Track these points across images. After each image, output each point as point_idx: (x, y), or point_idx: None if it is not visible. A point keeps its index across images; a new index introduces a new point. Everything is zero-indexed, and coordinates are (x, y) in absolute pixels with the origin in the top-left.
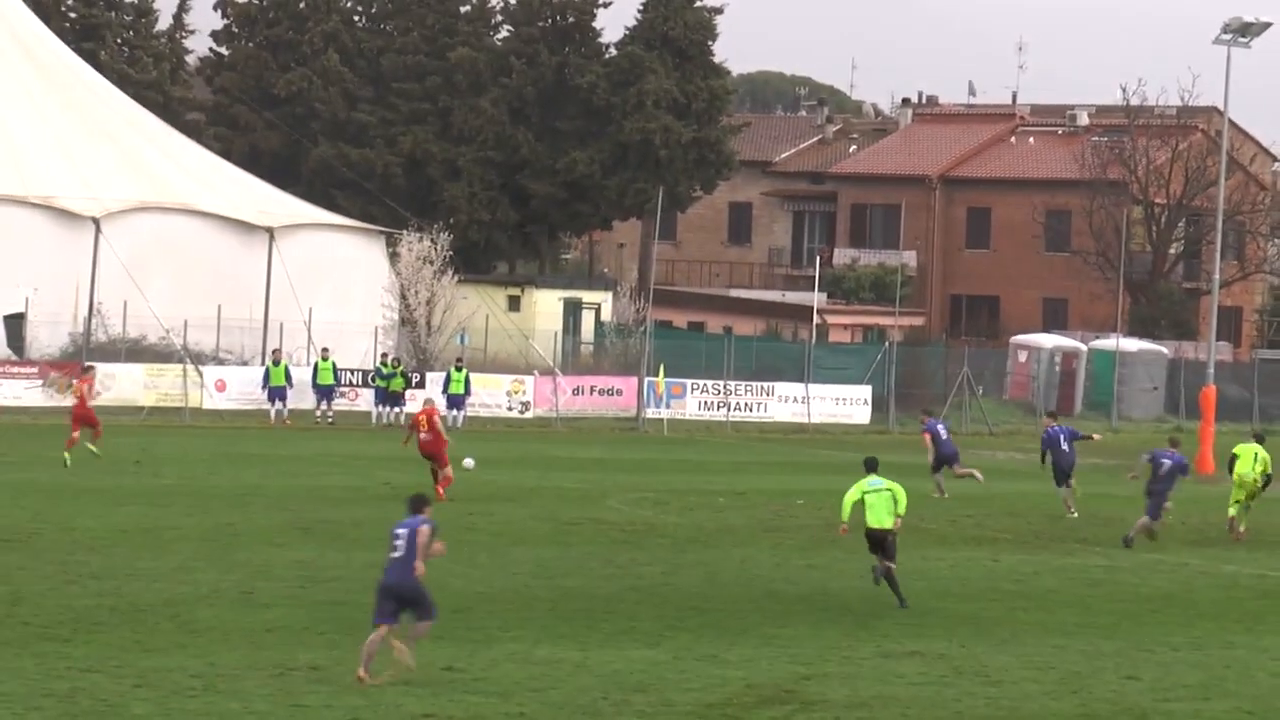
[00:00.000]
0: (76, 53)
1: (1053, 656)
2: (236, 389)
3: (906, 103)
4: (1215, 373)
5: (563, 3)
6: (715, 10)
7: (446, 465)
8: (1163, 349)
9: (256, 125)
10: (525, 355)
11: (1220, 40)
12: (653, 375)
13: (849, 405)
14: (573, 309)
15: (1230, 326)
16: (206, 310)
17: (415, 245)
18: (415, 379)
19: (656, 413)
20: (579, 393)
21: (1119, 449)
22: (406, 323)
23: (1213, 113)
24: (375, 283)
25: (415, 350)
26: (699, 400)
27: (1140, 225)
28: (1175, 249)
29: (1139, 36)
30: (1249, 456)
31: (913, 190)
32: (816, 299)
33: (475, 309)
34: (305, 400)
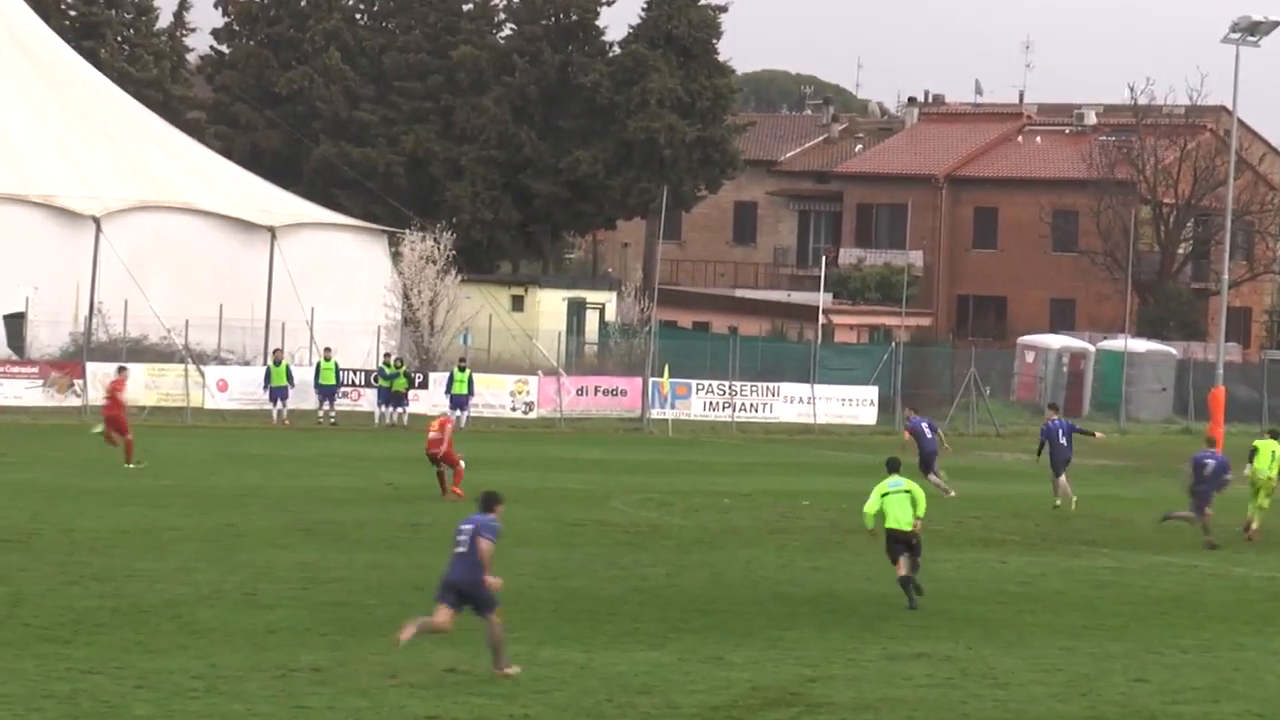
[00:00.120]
0: (76, 51)
1: (1060, 659)
2: (238, 389)
3: (912, 102)
4: (1224, 374)
5: (566, 1)
6: (720, 8)
7: (456, 463)
8: (1171, 350)
9: (258, 124)
10: (529, 355)
11: (1229, 39)
12: (657, 376)
13: (855, 406)
14: (577, 309)
15: (1239, 327)
16: (208, 310)
17: (418, 245)
18: (418, 379)
19: (661, 413)
20: (583, 393)
21: (1127, 451)
22: (409, 323)
23: (1221, 112)
24: (378, 282)
25: (418, 350)
26: (704, 401)
27: (1148, 225)
28: (1184, 249)
29: (1147, 35)
30: (1267, 453)
31: (919, 190)
32: (822, 299)
33: (478, 309)
34: (307, 401)
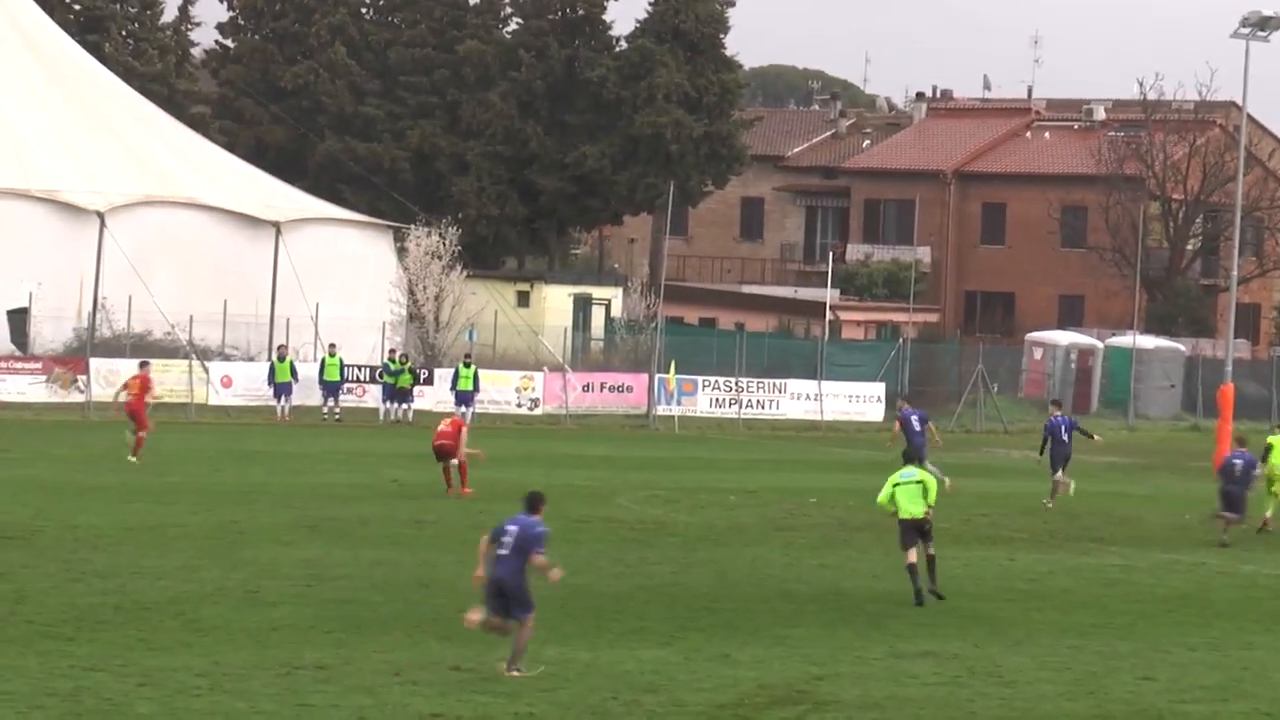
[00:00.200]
0: (81, 45)
1: (1068, 657)
2: (242, 385)
3: (920, 97)
4: (1233, 370)
5: None
6: (727, 3)
7: (463, 463)
8: (1180, 346)
9: (262, 119)
10: (534, 351)
11: (1239, 34)
12: (663, 372)
13: (862, 403)
14: (582, 305)
15: (1248, 324)
16: (212, 305)
17: (423, 240)
18: (423, 375)
19: (667, 410)
20: (589, 389)
21: (1136, 448)
22: (414, 318)
23: (1231, 107)
24: (383, 278)
25: (423, 346)
26: (710, 397)
27: (1157, 221)
28: (1193, 245)
29: (1156, 30)
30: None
31: (927, 185)
32: (829, 295)
33: (484, 305)
34: (312, 397)
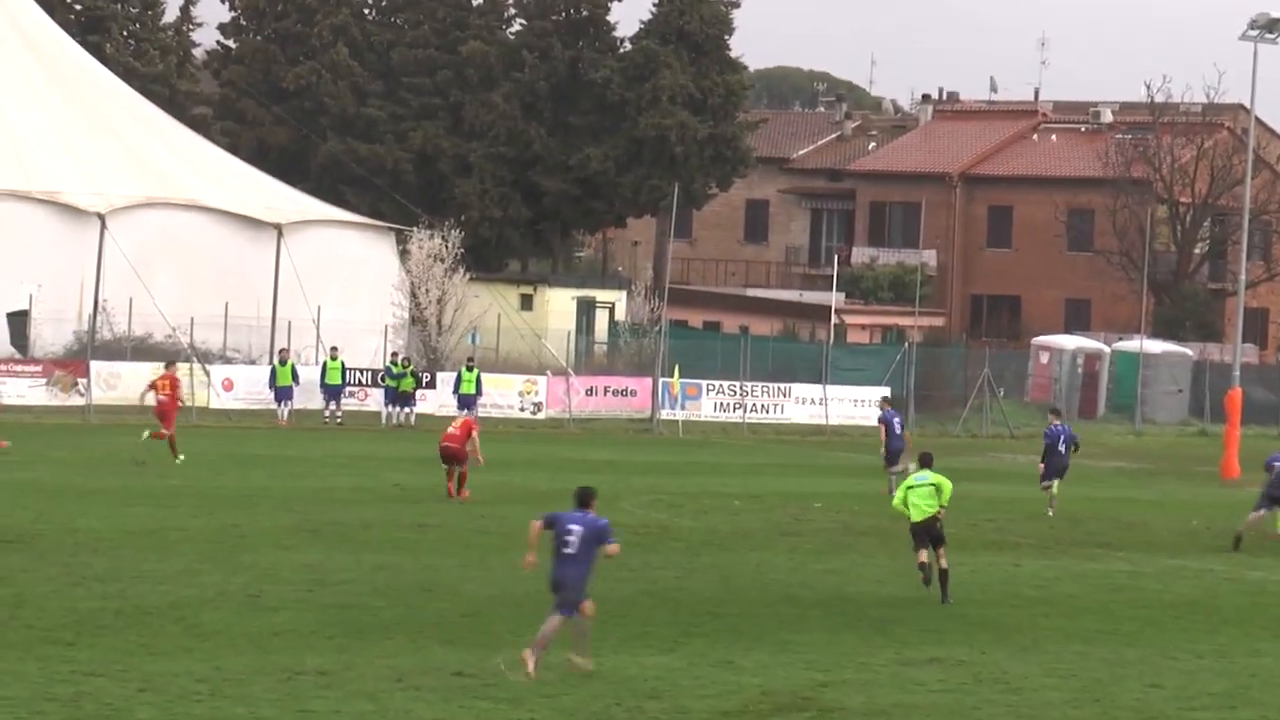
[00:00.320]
0: (81, 45)
1: (1075, 664)
2: (244, 388)
3: (926, 99)
4: (1241, 375)
5: None
6: (732, 4)
7: (465, 464)
8: (1187, 351)
9: (264, 120)
10: (538, 355)
11: (1247, 36)
12: (667, 376)
13: (867, 407)
14: (586, 308)
15: (1256, 328)
16: (213, 308)
17: (426, 242)
18: (426, 379)
19: (671, 414)
20: (592, 393)
21: (1143, 453)
22: (417, 321)
23: (1239, 110)
24: (385, 280)
25: (426, 350)
26: (714, 401)
27: (1165, 225)
28: (1200, 249)
29: (1164, 32)
30: None
31: (933, 188)
32: (834, 298)
33: (487, 308)
34: (314, 400)
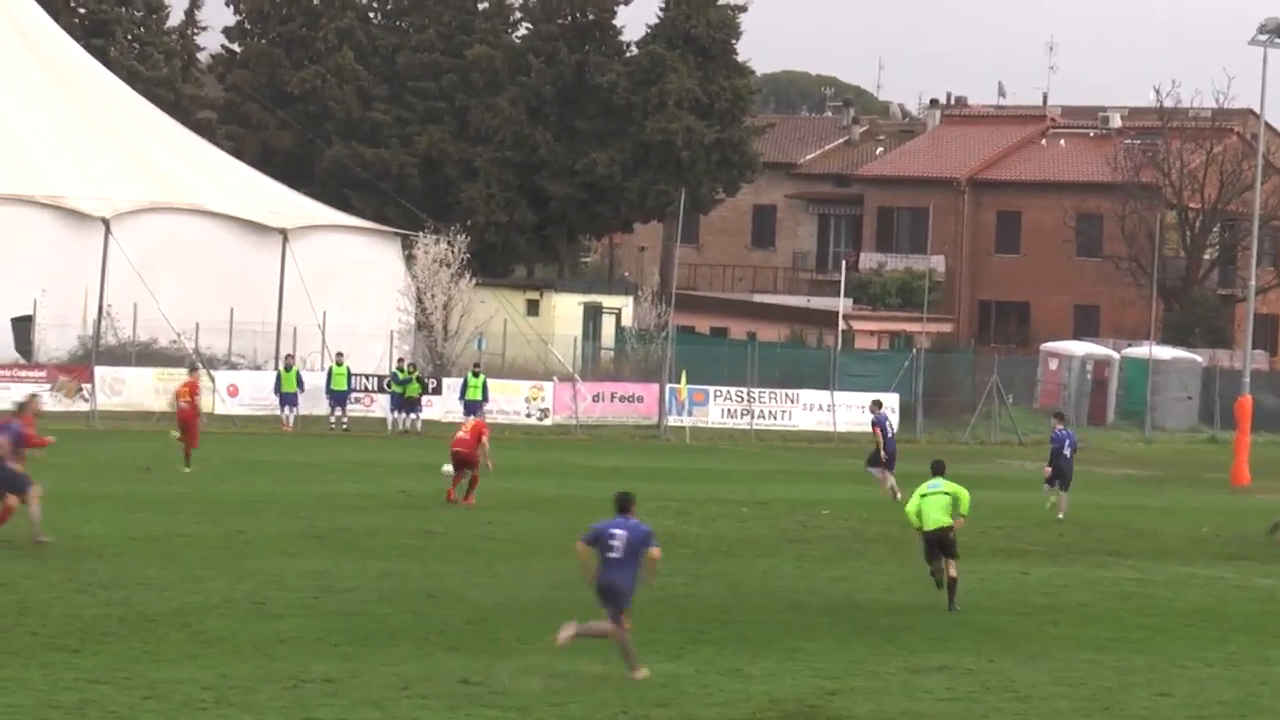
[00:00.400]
0: (86, 49)
1: (1084, 672)
2: (249, 394)
3: (934, 104)
4: (1251, 382)
5: (583, 0)
6: (739, 8)
7: (476, 468)
8: (1197, 357)
9: (269, 124)
10: (544, 361)
11: (1256, 40)
12: (674, 382)
13: None
14: (593, 313)
15: (1266, 334)
16: (218, 313)
17: (431, 247)
18: (431, 385)
19: (678, 420)
20: (599, 399)
21: (1152, 460)
22: (423, 327)
23: (1248, 115)
24: (390, 286)
25: (432, 355)
26: (722, 408)
27: (1174, 230)
28: (1210, 255)
29: (1173, 37)
30: None
31: (941, 193)
32: (842, 304)
33: (493, 313)
34: (319, 406)
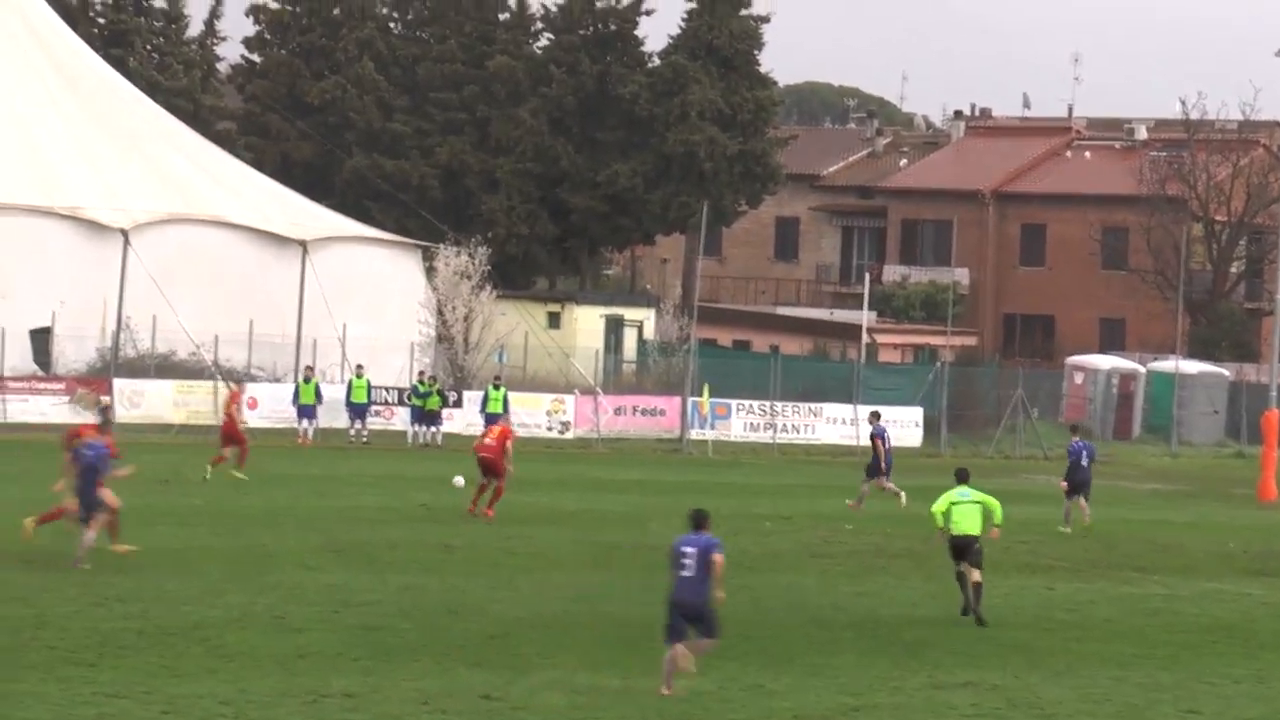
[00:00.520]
0: (105, 59)
1: (1110, 688)
2: (268, 407)
3: (959, 115)
4: (1278, 396)
5: (604, 10)
6: (761, 19)
7: (502, 478)
8: (1223, 371)
9: (289, 135)
10: (565, 373)
11: None
12: (697, 395)
13: (899, 427)
14: (614, 326)
15: None
16: (238, 325)
17: (452, 259)
18: (452, 398)
19: (700, 434)
20: (621, 413)
21: (1179, 474)
22: (443, 339)
23: (1275, 127)
24: (411, 298)
25: (452, 368)
26: (744, 421)
27: (1200, 243)
28: (1236, 268)
29: (1199, 48)
30: None
31: (965, 205)
32: (866, 317)
33: (514, 326)
34: (339, 419)
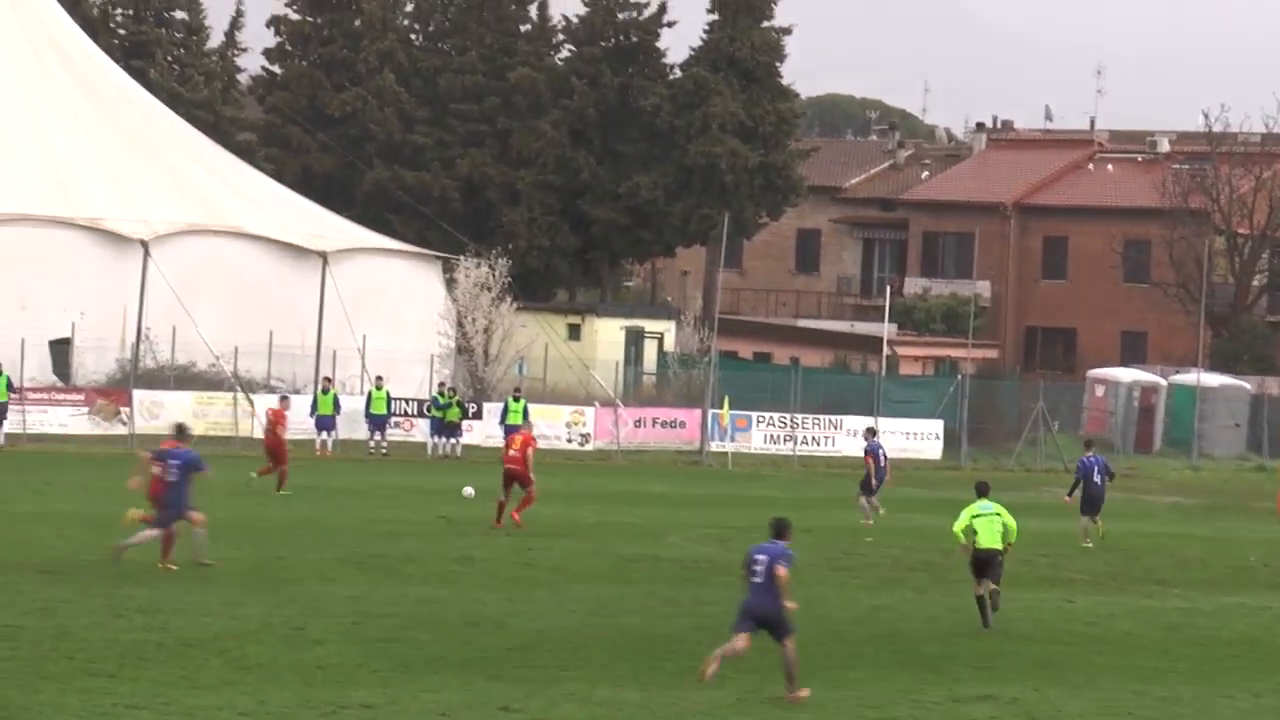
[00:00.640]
0: (126, 71)
1: (1130, 702)
2: (289, 418)
3: (981, 127)
4: None
5: (626, 22)
6: (783, 31)
7: (529, 485)
8: (1245, 385)
9: (310, 146)
10: (585, 386)
11: None
12: (717, 407)
13: (920, 440)
14: (635, 338)
15: None
16: (257, 337)
17: (472, 271)
18: (472, 409)
19: (721, 446)
20: (640, 425)
21: (1200, 488)
22: (463, 351)
23: None
24: (431, 309)
25: (472, 380)
26: (764, 433)
27: (1222, 256)
28: (1259, 281)
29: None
30: None
31: (987, 218)
32: (886, 330)
33: (534, 337)
34: (358, 430)
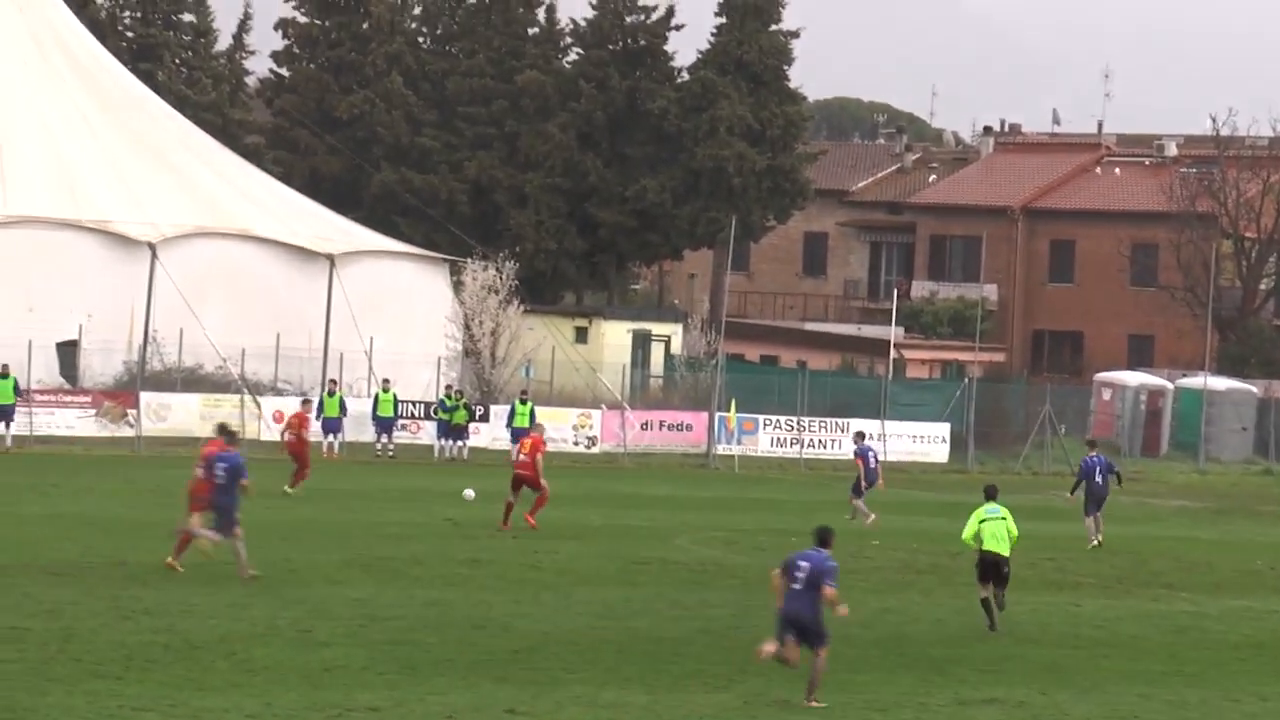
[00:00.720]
0: (134, 73)
1: (1137, 706)
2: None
3: (988, 131)
4: None
5: (634, 25)
6: (791, 34)
7: (541, 488)
8: (1253, 388)
9: (317, 149)
10: (592, 388)
11: None
12: (724, 410)
13: (926, 443)
14: (642, 341)
15: None
16: (265, 339)
17: (480, 274)
18: (479, 412)
19: (727, 449)
20: (647, 427)
21: (1207, 492)
22: (470, 354)
23: None
24: (438, 312)
25: (479, 382)
26: (771, 436)
27: (1230, 260)
28: (1266, 284)
29: (1229, 64)
30: None
31: (994, 221)
32: (893, 333)
33: (541, 340)
34: (365, 433)
